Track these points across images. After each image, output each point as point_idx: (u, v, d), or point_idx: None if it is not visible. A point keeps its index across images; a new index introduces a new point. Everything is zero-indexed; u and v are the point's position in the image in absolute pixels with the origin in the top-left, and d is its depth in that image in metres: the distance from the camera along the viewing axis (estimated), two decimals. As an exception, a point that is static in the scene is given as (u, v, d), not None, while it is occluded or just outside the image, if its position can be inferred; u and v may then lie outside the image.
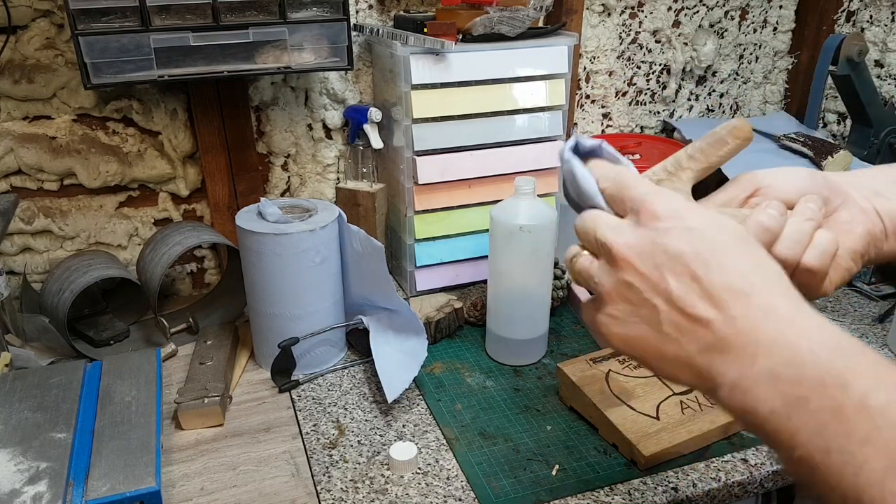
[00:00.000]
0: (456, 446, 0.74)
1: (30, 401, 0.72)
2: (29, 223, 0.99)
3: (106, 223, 1.03)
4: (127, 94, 0.97)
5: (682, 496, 0.67)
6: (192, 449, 0.75)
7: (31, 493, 0.60)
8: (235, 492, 0.69)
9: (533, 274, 0.84)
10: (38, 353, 0.86)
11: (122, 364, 0.81)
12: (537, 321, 0.88)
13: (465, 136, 0.98)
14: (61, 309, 0.85)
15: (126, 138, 1.00)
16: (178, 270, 1.10)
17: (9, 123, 0.94)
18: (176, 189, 1.04)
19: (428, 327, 0.90)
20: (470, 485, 0.69)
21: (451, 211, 1.02)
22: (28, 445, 0.66)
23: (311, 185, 1.13)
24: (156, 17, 0.80)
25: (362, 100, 1.11)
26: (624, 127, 1.33)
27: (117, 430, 0.69)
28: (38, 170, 0.97)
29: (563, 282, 0.98)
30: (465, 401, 0.82)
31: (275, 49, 0.86)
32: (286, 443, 0.76)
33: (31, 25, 0.91)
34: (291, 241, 0.80)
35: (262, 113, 1.06)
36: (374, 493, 0.68)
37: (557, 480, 0.69)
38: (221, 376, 0.82)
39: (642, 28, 1.26)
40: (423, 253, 1.03)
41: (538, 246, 0.81)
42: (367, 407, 0.82)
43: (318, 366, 0.88)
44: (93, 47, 0.78)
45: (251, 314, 0.89)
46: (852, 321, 0.98)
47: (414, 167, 0.98)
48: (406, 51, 0.91)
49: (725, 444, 0.74)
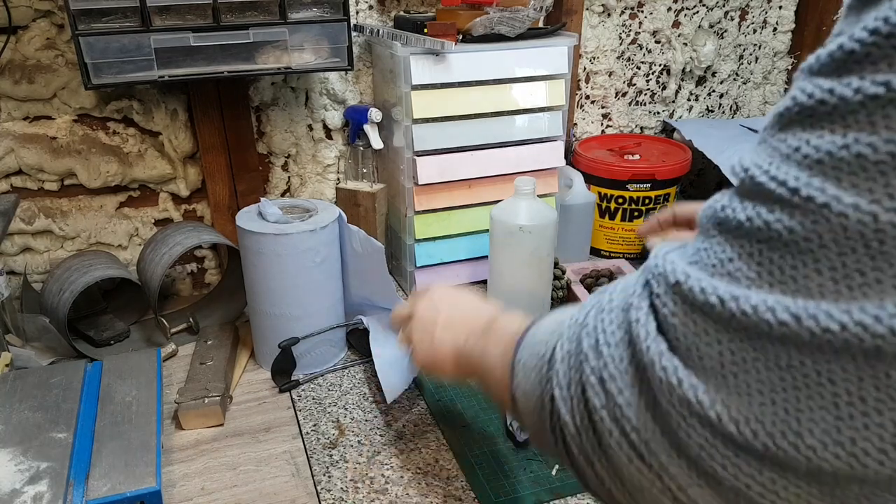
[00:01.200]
0: (456, 446, 0.74)
1: (30, 401, 0.72)
2: (29, 223, 0.99)
3: (106, 223, 1.03)
4: (127, 95, 0.97)
5: (682, 496, 0.67)
6: (192, 449, 0.75)
7: (31, 493, 0.60)
8: (235, 492, 0.69)
9: (533, 274, 0.84)
10: (38, 353, 0.87)
11: (123, 364, 0.81)
12: (537, 321, 0.88)
13: (465, 136, 0.98)
14: (62, 309, 0.85)
15: (126, 138, 1.00)
16: (179, 270, 1.10)
17: (9, 124, 0.94)
18: (176, 189, 1.04)
19: (428, 327, 0.90)
20: (470, 485, 0.69)
21: (451, 211, 1.02)
22: (28, 445, 0.66)
23: (312, 186, 1.13)
24: (156, 17, 0.80)
25: (362, 100, 1.11)
26: (624, 127, 1.33)
27: (118, 430, 0.69)
28: (38, 170, 0.97)
29: (562, 281, 0.98)
30: (466, 401, 0.82)
31: (275, 49, 0.86)
32: (286, 443, 0.76)
33: (31, 26, 0.91)
34: (291, 241, 0.81)
35: (262, 113, 1.06)
36: (374, 493, 0.68)
37: (557, 480, 0.69)
38: (222, 376, 0.82)
39: (642, 28, 1.26)
40: (423, 253, 1.04)
41: (538, 246, 0.81)
42: (367, 407, 0.82)
43: (318, 366, 0.88)
44: (93, 47, 0.78)
45: (251, 314, 0.89)
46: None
47: (414, 167, 0.98)
48: (406, 51, 0.91)
49: (725, 444, 0.74)
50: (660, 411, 0.30)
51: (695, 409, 0.28)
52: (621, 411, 0.32)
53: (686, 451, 0.29)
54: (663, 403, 0.29)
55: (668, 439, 0.30)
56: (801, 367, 0.25)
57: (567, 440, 0.36)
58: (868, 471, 0.24)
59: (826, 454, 0.25)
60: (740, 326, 0.26)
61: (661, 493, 0.31)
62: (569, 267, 1.04)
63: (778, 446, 0.26)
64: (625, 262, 1.10)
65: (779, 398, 0.26)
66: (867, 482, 0.25)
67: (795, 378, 0.25)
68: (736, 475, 0.27)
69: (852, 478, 0.25)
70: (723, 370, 0.27)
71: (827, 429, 0.25)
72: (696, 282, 0.28)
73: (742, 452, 0.27)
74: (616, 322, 0.33)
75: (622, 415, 0.32)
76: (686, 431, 0.29)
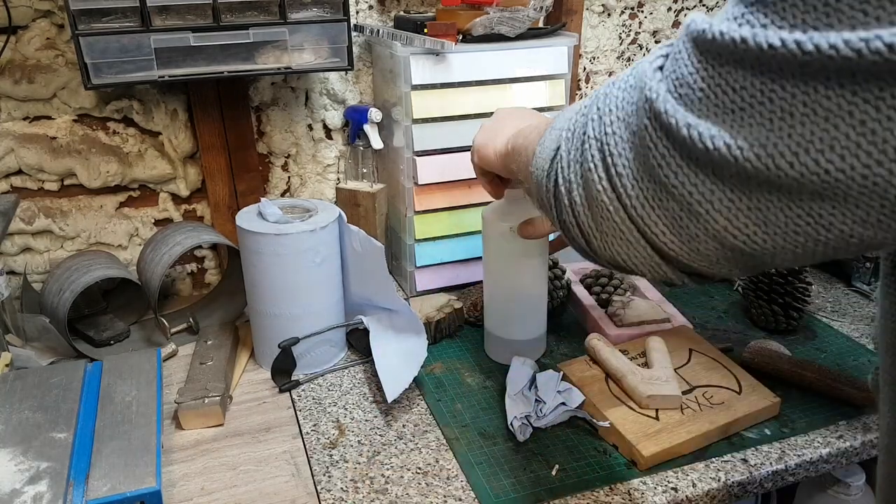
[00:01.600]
0: (456, 446, 0.74)
1: (30, 401, 0.72)
2: (29, 223, 0.99)
3: (106, 223, 1.03)
4: (127, 95, 0.97)
5: (682, 496, 0.67)
6: (192, 449, 0.75)
7: (31, 493, 0.60)
8: (235, 492, 0.69)
9: (526, 275, 0.84)
10: (38, 353, 0.87)
11: (123, 364, 0.81)
12: (534, 322, 0.88)
13: (466, 136, 0.97)
14: (62, 309, 0.85)
15: (126, 138, 1.00)
16: (179, 270, 1.10)
17: (9, 124, 0.94)
18: (176, 189, 1.04)
19: (428, 327, 0.90)
20: (470, 485, 0.69)
21: (451, 211, 1.02)
22: (28, 445, 0.66)
23: (312, 186, 1.13)
24: (156, 17, 0.80)
25: (362, 100, 1.11)
26: (624, 127, 1.33)
27: (118, 430, 0.69)
28: (38, 170, 0.97)
29: (563, 282, 0.98)
30: (465, 401, 0.82)
31: (275, 49, 0.86)
32: (286, 443, 0.76)
33: (31, 25, 0.91)
34: (291, 241, 0.81)
35: (262, 113, 1.06)
36: (374, 493, 0.68)
37: (557, 480, 0.69)
38: (222, 376, 0.82)
39: (642, 28, 1.26)
40: (423, 253, 1.04)
41: (529, 246, 0.81)
42: (367, 407, 0.82)
43: (318, 366, 0.88)
44: (93, 47, 0.78)
45: (251, 314, 0.89)
46: (852, 321, 0.98)
47: (414, 167, 0.98)
48: (406, 51, 0.91)
49: (725, 444, 0.74)
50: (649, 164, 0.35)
51: (710, 154, 0.31)
52: (616, 170, 0.37)
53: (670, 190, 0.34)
54: (657, 148, 0.34)
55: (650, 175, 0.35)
56: (821, 93, 0.27)
57: (565, 202, 0.43)
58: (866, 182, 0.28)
59: (840, 175, 0.28)
60: (766, 61, 0.29)
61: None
62: (569, 267, 1.04)
63: (797, 171, 0.29)
64: (625, 262, 1.09)
65: (797, 124, 0.28)
66: (851, 197, 0.28)
67: (816, 108, 0.27)
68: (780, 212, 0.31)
69: (847, 194, 0.28)
70: (743, 109, 0.30)
71: (847, 146, 0.27)
72: (718, 26, 0.30)
73: (760, 183, 0.31)
74: (625, 91, 0.38)
75: (616, 173, 0.37)
76: (677, 176, 0.34)
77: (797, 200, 0.30)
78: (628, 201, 0.37)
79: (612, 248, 0.41)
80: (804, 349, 0.91)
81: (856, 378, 0.79)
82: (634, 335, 0.89)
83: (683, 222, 0.35)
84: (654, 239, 0.37)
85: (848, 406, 0.79)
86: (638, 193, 0.36)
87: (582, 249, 0.45)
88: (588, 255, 0.45)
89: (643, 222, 0.37)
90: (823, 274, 1.12)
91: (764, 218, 0.32)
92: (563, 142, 0.43)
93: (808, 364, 0.82)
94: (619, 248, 0.40)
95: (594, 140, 0.39)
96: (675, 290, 1.07)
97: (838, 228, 0.30)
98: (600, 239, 0.41)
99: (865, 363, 0.88)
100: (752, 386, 0.79)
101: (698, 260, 0.37)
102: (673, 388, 0.75)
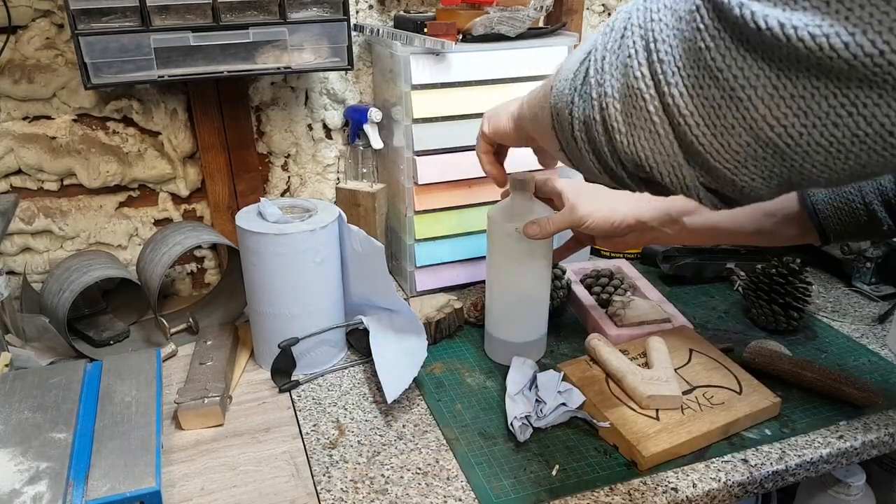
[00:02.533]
0: (456, 446, 0.74)
1: (30, 401, 0.72)
2: (29, 223, 0.99)
3: (106, 223, 1.03)
4: (127, 94, 0.97)
5: (682, 497, 0.67)
6: (192, 449, 0.75)
7: (31, 494, 0.60)
8: (235, 492, 0.69)
9: (530, 275, 0.84)
10: (38, 353, 0.86)
11: (123, 364, 0.80)
12: (536, 323, 0.88)
13: (466, 136, 0.98)
14: (61, 309, 0.85)
15: (126, 138, 1.00)
16: (178, 270, 1.10)
17: (9, 123, 0.94)
18: (176, 189, 1.04)
19: (428, 327, 0.90)
20: (470, 485, 0.69)
21: (451, 211, 1.02)
22: (28, 445, 0.66)
23: (311, 186, 1.13)
24: (156, 17, 0.80)
25: (362, 100, 1.11)
26: (624, 127, 1.33)
27: (117, 430, 0.69)
28: (38, 170, 0.97)
29: (563, 282, 0.98)
30: (465, 401, 0.82)
31: (275, 49, 0.86)
32: (286, 443, 0.76)
33: (31, 25, 0.91)
34: (291, 241, 0.80)
35: (262, 113, 1.06)
36: (374, 493, 0.68)
37: (557, 480, 0.69)
38: (221, 376, 0.82)
39: (642, 28, 1.26)
40: (423, 253, 1.04)
41: (535, 247, 0.81)
42: (367, 407, 0.82)
43: (318, 366, 0.88)
44: (93, 47, 0.78)
45: (251, 314, 0.89)
46: (852, 321, 0.98)
47: (414, 167, 0.98)
48: (406, 51, 0.91)
49: (725, 444, 0.74)
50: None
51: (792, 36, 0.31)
52: (658, 56, 0.37)
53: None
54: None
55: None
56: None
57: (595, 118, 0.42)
58: None
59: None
60: None
61: None
62: (569, 267, 1.04)
63: (851, 52, 0.29)
64: (625, 262, 1.10)
65: (855, 5, 0.28)
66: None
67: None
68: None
69: None
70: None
71: None
72: None
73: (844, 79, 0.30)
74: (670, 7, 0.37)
75: (658, 59, 0.37)
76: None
77: (843, 88, 0.30)
78: (666, 89, 0.37)
79: (637, 142, 0.40)
80: (805, 349, 0.91)
81: (856, 378, 0.79)
82: (635, 335, 0.89)
83: (722, 111, 0.35)
84: (685, 132, 0.37)
85: (848, 406, 0.79)
86: (678, 81, 0.36)
87: (596, 153, 0.44)
88: (601, 161, 0.44)
89: (678, 112, 0.37)
90: (824, 274, 1.12)
91: (806, 107, 0.32)
92: (599, 38, 0.42)
93: (809, 364, 0.82)
94: (644, 142, 0.40)
95: (637, 27, 0.39)
96: (675, 291, 1.07)
97: (879, 122, 0.30)
98: (626, 133, 0.40)
99: (866, 363, 0.88)
100: (752, 386, 0.79)
101: (726, 159, 0.36)
102: (673, 389, 0.75)
